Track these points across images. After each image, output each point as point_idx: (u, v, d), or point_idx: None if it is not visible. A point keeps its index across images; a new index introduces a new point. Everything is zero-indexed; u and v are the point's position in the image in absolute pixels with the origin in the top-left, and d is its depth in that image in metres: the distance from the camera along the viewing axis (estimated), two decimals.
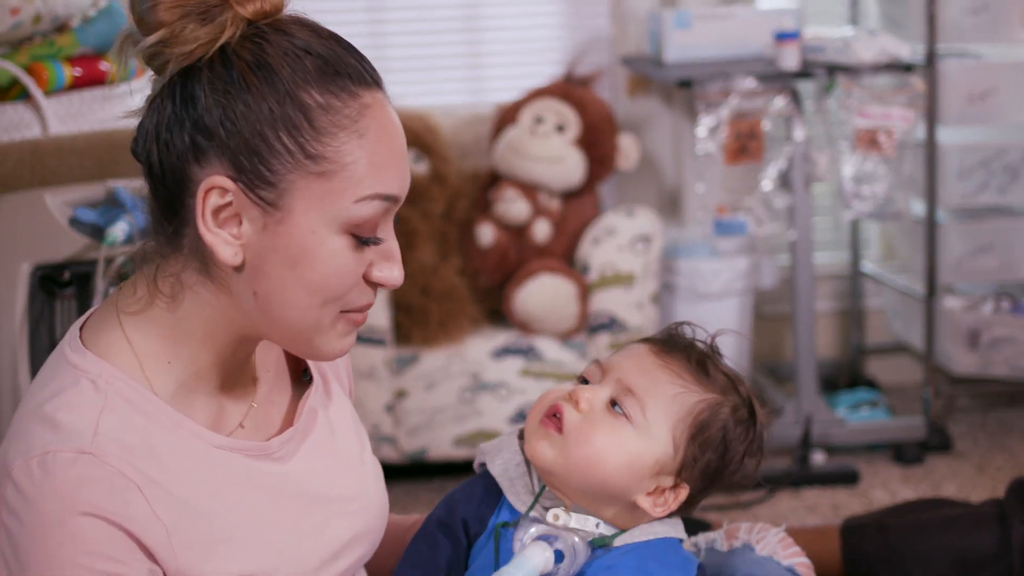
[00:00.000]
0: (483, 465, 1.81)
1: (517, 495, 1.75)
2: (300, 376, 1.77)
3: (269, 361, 1.74)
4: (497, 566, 1.70)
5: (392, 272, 1.57)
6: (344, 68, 1.53)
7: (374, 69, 1.58)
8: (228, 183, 1.51)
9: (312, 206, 1.53)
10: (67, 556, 1.48)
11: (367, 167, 1.53)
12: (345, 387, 1.84)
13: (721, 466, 1.75)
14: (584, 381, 1.76)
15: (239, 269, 1.55)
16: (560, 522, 1.70)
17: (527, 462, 1.77)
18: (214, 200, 1.52)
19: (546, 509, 1.73)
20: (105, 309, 1.63)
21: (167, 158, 1.54)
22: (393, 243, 1.58)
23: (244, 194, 1.52)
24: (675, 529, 1.75)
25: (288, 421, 1.71)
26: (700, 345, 1.81)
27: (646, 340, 1.81)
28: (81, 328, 1.63)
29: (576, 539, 1.69)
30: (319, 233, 1.53)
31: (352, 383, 1.89)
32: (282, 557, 1.62)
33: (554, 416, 1.72)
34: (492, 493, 1.78)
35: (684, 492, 1.74)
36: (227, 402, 1.66)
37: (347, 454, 1.76)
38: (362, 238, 1.54)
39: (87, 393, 1.55)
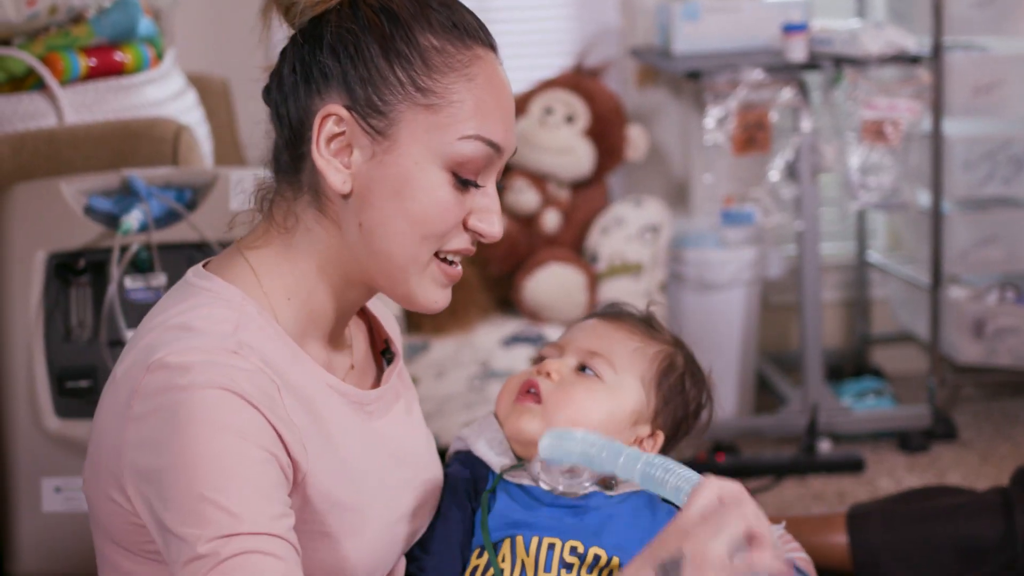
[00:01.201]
0: (460, 452, 1.88)
1: (503, 453, 1.84)
2: (381, 354, 1.86)
3: (359, 338, 1.82)
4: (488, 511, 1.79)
5: (491, 225, 1.65)
6: (461, 22, 1.64)
7: (489, 32, 1.68)
8: (343, 111, 1.61)
9: (418, 138, 1.61)
10: (217, 428, 1.51)
11: (473, 109, 1.61)
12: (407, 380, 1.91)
13: (685, 412, 1.89)
14: (542, 357, 1.87)
15: (347, 198, 1.63)
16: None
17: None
18: (329, 128, 1.61)
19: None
20: (229, 249, 1.71)
21: (292, 94, 1.64)
22: (494, 197, 1.66)
23: (357, 122, 1.61)
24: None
25: (375, 385, 1.80)
26: (639, 312, 1.94)
27: (590, 316, 1.94)
28: (204, 266, 1.70)
29: (588, 483, 1.79)
30: (422, 165, 1.61)
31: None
32: (376, 500, 1.70)
33: (529, 392, 1.81)
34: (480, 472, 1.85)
35: (660, 438, 1.86)
36: (333, 355, 1.73)
37: (421, 429, 1.86)
38: (463, 178, 1.62)
39: (222, 308, 1.62)
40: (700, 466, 3.79)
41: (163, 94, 3.23)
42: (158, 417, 1.53)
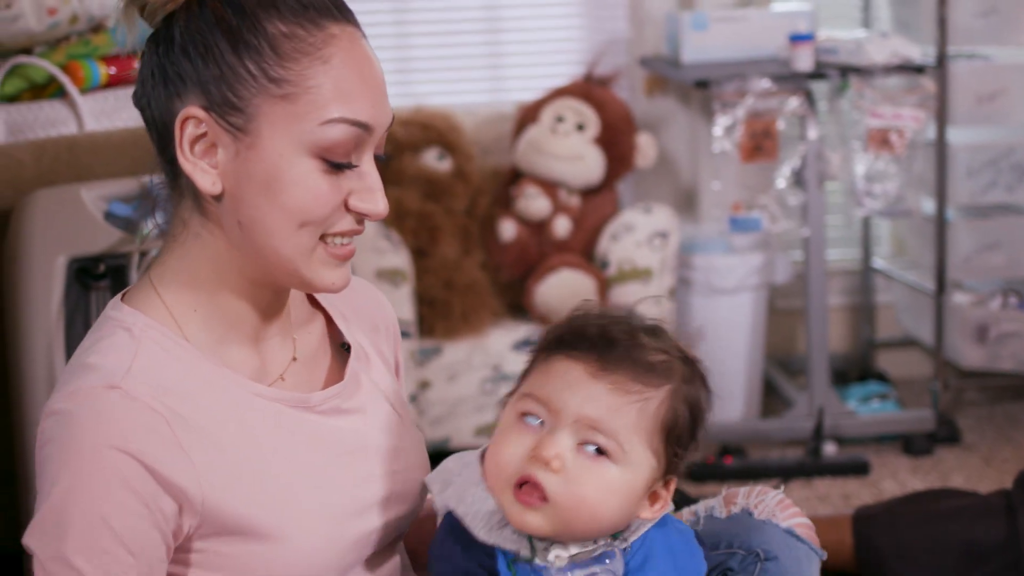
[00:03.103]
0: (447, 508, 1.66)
1: (507, 541, 1.62)
2: (339, 347, 1.78)
3: (313, 326, 1.76)
4: None
5: (372, 204, 1.58)
6: (311, 2, 1.57)
7: (343, 4, 1.60)
8: (200, 112, 1.55)
9: (278, 130, 1.55)
10: (93, 483, 1.50)
11: (332, 92, 1.55)
12: (390, 364, 1.84)
13: (694, 435, 1.65)
14: (540, 422, 1.60)
15: (220, 199, 1.58)
16: (569, 552, 1.61)
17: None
18: (191, 130, 1.57)
19: (545, 549, 1.61)
20: (141, 275, 1.69)
21: (155, 100, 1.60)
22: (373, 175, 1.59)
23: (216, 122, 1.56)
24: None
25: (332, 381, 1.73)
26: (613, 328, 1.62)
27: (560, 347, 1.61)
28: (124, 294, 1.67)
29: (608, 562, 1.62)
30: (287, 156, 1.55)
31: (401, 364, 1.89)
32: (310, 502, 1.62)
33: (527, 485, 1.57)
34: (474, 545, 1.63)
35: (674, 482, 1.66)
36: (266, 355, 1.68)
37: (388, 419, 1.76)
38: (334, 163, 1.56)
39: (122, 340, 1.59)
40: (708, 469, 3.80)
41: None
42: (43, 466, 1.54)
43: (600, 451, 1.58)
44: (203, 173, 1.58)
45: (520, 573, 1.62)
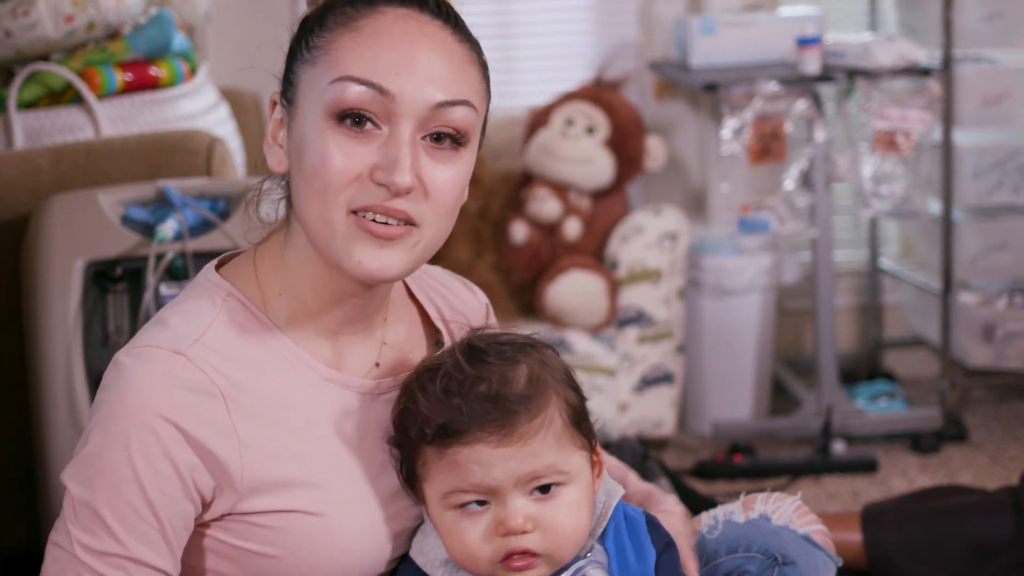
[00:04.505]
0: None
1: None
2: (435, 344, 1.78)
3: (407, 322, 1.76)
4: None
5: (390, 175, 1.53)
6: None
7: None
8: (277, 94, 1.61)
9: (307, 96, 1.56)
10: (135, 445, 1.52)
11: (349, 54, 1.53)
12: None
13: (583, 395, 1.66)
14: (479, 503, 1.60)
15: (287, 177, 1.61)
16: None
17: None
18: (276, 113, 1.61)
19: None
20: (248, 249, 1.69)
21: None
22: (400, 147, 1.53)
23: (282, 99, 1.60)
24: (604, 488, 1.72)
25: None
26: (471, 394, 1.59)
27: (447, 438, 1.58)
28: (220, 261, 1.69)
29: (590, 555, 1.66)
30: (310, 119, 1.55)
31: None
32: (359, 486, 1.64)
33: (514, 555, 1.59)
34: None
35: (600, 450, 1.69)
36: (343, 351, 1.67)
37: None
38: (346, 122, 1.53)
39: (203, 305, 1.60)
40: (718, 467, 3.80)
41: (197, 107, 3.24)
42: (95, 409, 1.56)
43: (550, 487, 1.60)
44: (273, 152, 1.61)
45: None
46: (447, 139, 1.57)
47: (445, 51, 1.57)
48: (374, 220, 1.54)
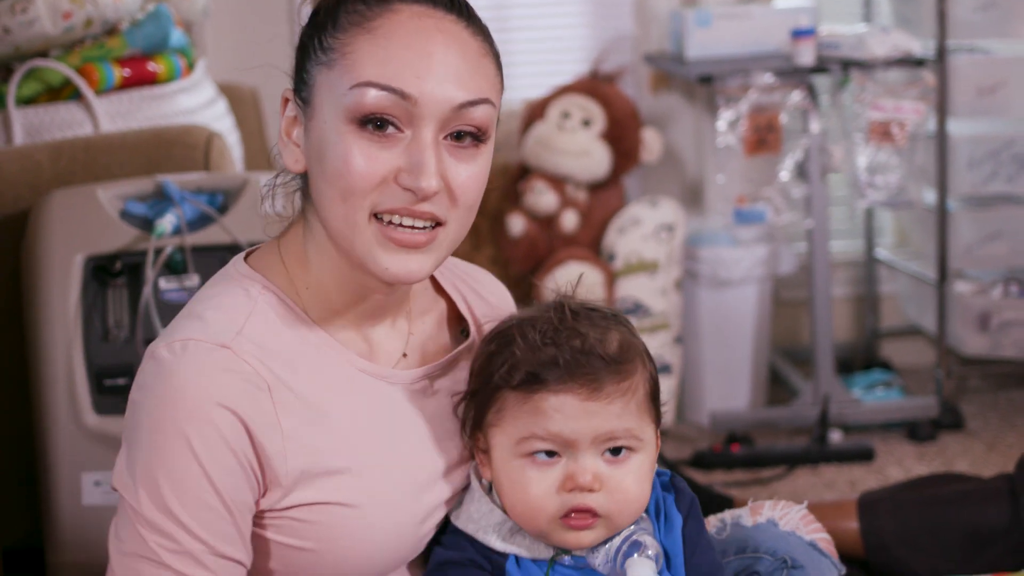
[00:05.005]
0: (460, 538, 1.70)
1: (523, 548, 1.66)
2: (460, 333, 1.79)
3: (433, 313, 1.76)
4: None
5: (415, 179, 1.52)
6: None
7: None
8: (289, 92, 1.59)
9: (325, 98, 1.55)
10: (183, 432, 1.51)
11: (367, 58, 1.52)
12: None
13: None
14: (549, 454, 1.62)
15: (306, 176, 1.60)
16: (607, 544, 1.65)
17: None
18: (289, 111, 1.59)
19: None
20: (270, 240, 1.69)
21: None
22: (424, 151, 1.53)
23: (296, 98, 1.58)
24: None
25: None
26: (567, 347, 1.62)
27: (535, 384, 1.60)
28: (248, 254, 1.68)
29: (646, 533, 1.66)
30: (330, 123, 1.54)
31: None
32: (392, 475, 1.64)
33: (575, 513, 1.61)
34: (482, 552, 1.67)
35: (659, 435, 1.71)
36: (374, 343, 1.67)
37: None
38: (369, 126, 1.52)
39: (239, 298, 1.60)
40: (716, 457, 3.80)
41: (195, 102, 3.24)
42: (139, 407, 1.55)
43: (621, 450, 1.62)
44: (289, 150, 1.60)
45: (560, 570, 1.65)
46: (468, 137, 1.57)
47: (461, 47, 1.56)
48: (400, 225, 1.55)
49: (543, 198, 4.05)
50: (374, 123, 1.52)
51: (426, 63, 1.53)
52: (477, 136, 1.58)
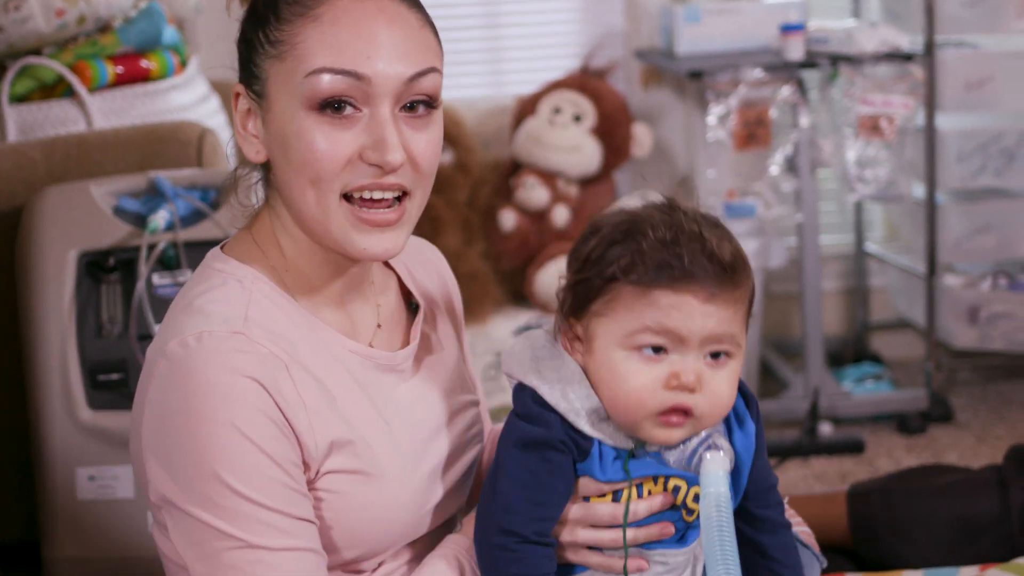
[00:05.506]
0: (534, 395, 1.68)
1: (609, 436, 1.67)
2: (409, 305, 1.82)
3: (390, 289, 1.80)
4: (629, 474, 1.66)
5: (380, 153, 1.58)
6: None
7: None
8: (240, 87, 1.63)
9: (280, 90, 1.59)
10: (223, 415, 1.52)
11: (317, 45, 1.57)
12: (451, 325, 1.88)
13: None
14: (656, 349, 1.63)
15: (267, 166, 1.64)
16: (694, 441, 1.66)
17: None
18: (241, 104, 1.63)
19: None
20: (240, 231, 1.71)
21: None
22: (385, 126, 1.58)
23: (248, 92, 1.62)
24: None
25: (405, 342, 1.77)
26: (687, 248, 1.64)
27: (655, 280, 1.62)
28: (222, 247, 1.70)
29: (721, 435, 1.69)
30: (288, 113, 1.58)
31: (462, 327, 1.93)
32: (399, 448, 1.67)
33: (673, 411, 1.63)
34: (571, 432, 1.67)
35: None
36: (355, 318, 1.71)
37: (452, 375, 1.81)
38: (329, 111, 1.57)
39: (234, 290, 1.62)
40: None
41: (187, 99, 3.24)
42: (164, 409, 1.55)
43: (721, 354, 1.66)
44: (248, 143, 1.63)
45: (636, 463, 1.67)
46: (421, 106, 1.62)
47: (402, 23, 1.61)
48: (371, 199, 1.60)
49: (534, 193, 4.05)
50: (332, 106, 1.57)
51: (374, 44, 1.58)
52: (429, 103, 1.63)
